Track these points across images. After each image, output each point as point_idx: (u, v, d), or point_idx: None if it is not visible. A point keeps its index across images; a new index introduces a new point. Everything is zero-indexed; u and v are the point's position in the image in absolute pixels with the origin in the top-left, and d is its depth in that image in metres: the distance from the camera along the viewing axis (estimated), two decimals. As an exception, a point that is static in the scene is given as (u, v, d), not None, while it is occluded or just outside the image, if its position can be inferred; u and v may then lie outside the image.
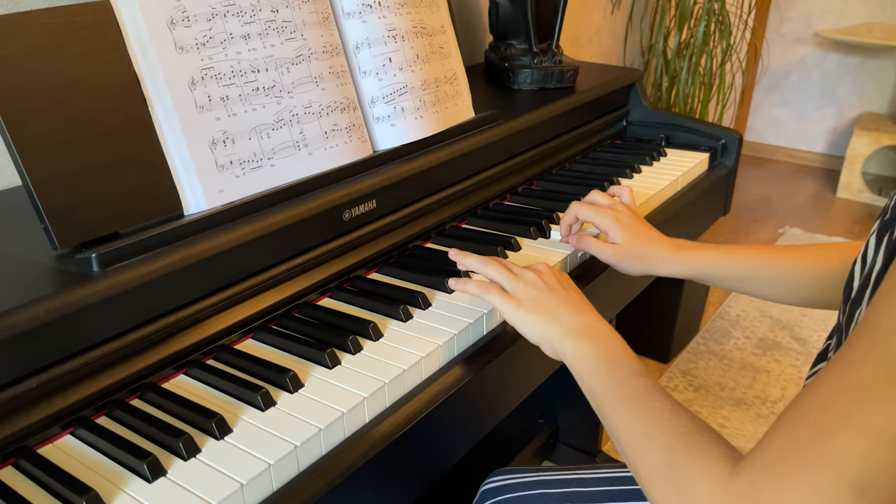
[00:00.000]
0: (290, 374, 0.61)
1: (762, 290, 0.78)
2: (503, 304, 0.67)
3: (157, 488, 0.50)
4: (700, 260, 0.79)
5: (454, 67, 0.93)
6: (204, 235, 0.64)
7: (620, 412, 0.55)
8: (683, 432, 0.50)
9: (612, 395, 0.57)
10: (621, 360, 0.59)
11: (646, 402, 0.54)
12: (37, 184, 0.57)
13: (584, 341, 0.61)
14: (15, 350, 0.52)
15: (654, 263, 0.80)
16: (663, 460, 0.49)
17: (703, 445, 0.48)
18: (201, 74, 0.67)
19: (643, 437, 0.52)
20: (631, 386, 0.56)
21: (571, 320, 0.64)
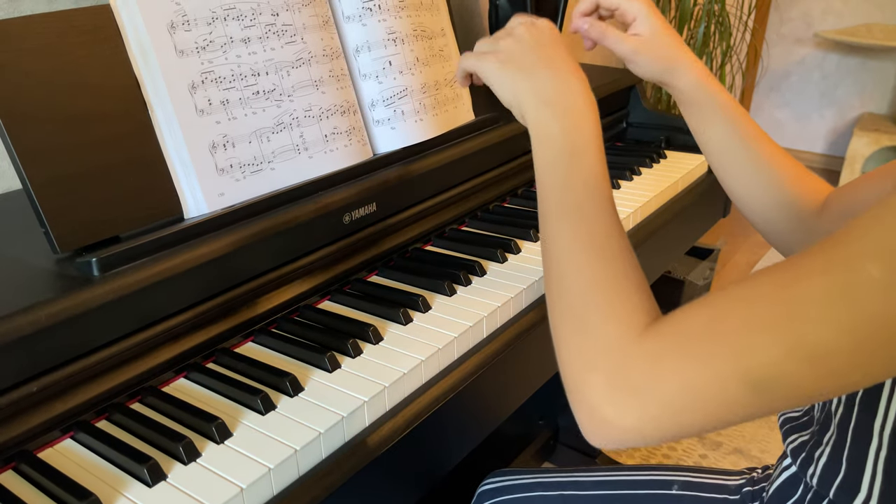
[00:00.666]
0: (290, 378, 0.61)
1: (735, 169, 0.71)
2: (479, 60, 0.60)
3: (158, 492, 0.50)
4: (717, 94, 0.71)
5: (454, 70, 0.93)
6: (204, 239, 0.64)
7: (559, 219, 0.51)
8: (613, 269, 0.47)
9: (559, 195, 0.52)
10: (581, 156, 0.53)
11: (589, 219, 0.50)
12: (37, 187, 0.57)
13: (551, 117, 0.55)
14: (16, 354, 0.52)
15: (676, 68, 0.71)
16: (580, 294, 0.46)
17: (627, 293, 0.45)
18: (201, 78, 0.67)
19: (568, 260, 0.48)
20: (583, 192, 0.51)
21: (546, 84, 0.56)
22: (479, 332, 0.72)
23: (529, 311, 0.77)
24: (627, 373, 0.42)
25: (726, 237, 2.63)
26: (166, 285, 0.61)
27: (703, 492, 0.73)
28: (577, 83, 0.57)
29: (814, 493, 0.57)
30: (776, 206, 0.70)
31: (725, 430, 1.66)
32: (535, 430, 1.52)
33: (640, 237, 0.98)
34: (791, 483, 0.61)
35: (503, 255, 0.85)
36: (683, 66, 0.71)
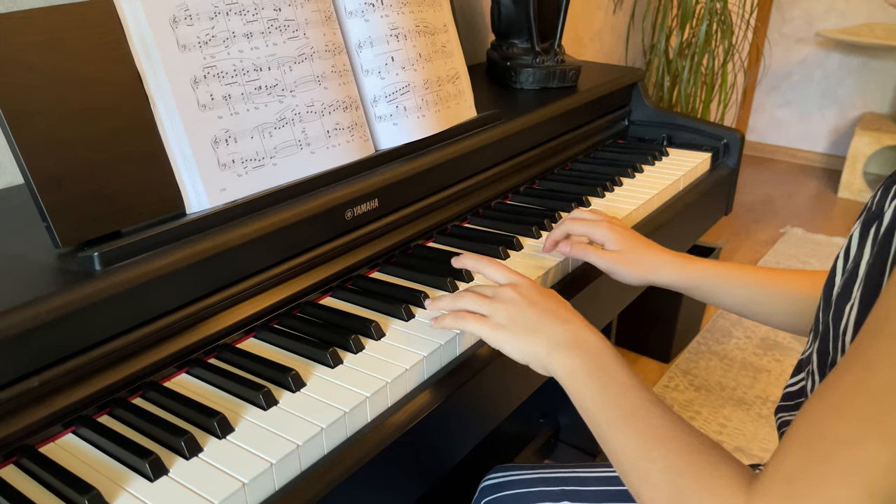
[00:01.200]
0: (292, 374, 0.61)
1: (766, 309, 0.75)
2: (481, 328, 0.63)
3: (159, 487, 0.50)
4: (703, 272, 0.76)
5: (456, 66, 0.92)
6: (206, 234, 0.64)
7: (617, 432, 0.52)
8: (689, 452, 0.47)
9: (606, 412, 0.53)
10: (613, 373, 0.56)
11: (644, 419, 0.51)
12: (39, 182, 0.57)
13: (571, 354, 0.58)
14: (17, 349, 0.51)
15: (654, 270, 0.78)
16: (669, 484, 0.46)
17: (711, 466, 0.45)
18: (204, 73, 0.67)
19: (645, 459, 0.48)
20: (627, 401, 0.53)
21: (557, 332, 0.60)
22: (481, 328, 0.72)
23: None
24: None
25: (728, 236, 2.63)
26: (168, 280, 0.61)
27: None
28: (581, 326, 0.60)
29: None
30: (808, 314, 0.72)
31: (726, 429, 1.66)
32: (536, 429, 1.52)
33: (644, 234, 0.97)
34: None
35: (505, 252, 0.84)
36: (660, 266, 0.77)
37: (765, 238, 2.64)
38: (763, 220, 2.79)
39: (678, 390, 1.80)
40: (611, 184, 1.06)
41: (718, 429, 1.66)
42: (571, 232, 0.82)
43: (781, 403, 0.63)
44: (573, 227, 0.81)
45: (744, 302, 0.75)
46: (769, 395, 1.78)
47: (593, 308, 0.89)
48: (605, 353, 0.58)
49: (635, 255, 0.78)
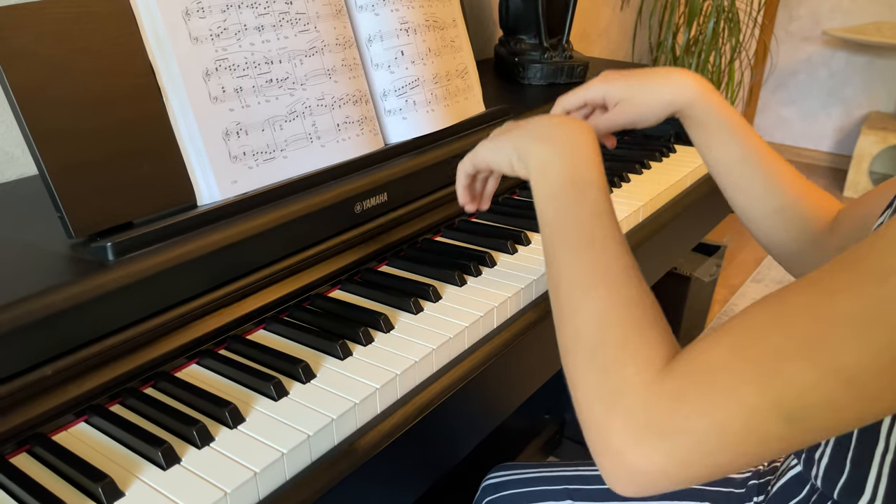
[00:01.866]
0: (302, 365, 0.61)
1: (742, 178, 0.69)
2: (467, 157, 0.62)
3: (172, 475, 0.51)
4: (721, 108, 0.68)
5: (465, 61, 0.93)
6: (217, 226, 0.65)
7: (568, 255, 0.49)
8: (627, 304, 0.45)
9: (565, 230, 0.50)
10: (587, 186, 0.51)
11: (601, 252, 0.48)
12: (52, 172, 0.58)
13: (553, 149, 0.53)
14: (31, 337, 0.52)
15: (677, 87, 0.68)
16: (595, 330, 0.44)
17: (643, 326, 0.43)
18: (216, 66, 0.67)
19: (583, 294, 0.46)
20: (590, 225, 0.49)
21: (543, 127, 0.56)
22: (489, 322, 0.72)
23: (539, 302, 0.78)
24: (651, 414, 0.39)
25: (733, 234, 2.63)
26: (179, 271, 0.61)
27: (710, 485, 0.73)
28: (576, 125, 0.56)
29: (819, 494, 0.57)
30: (785, 224, 0.69)
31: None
32: (541, 424, 1.52)
33: (649, 232, 0.98)
34: (797, 482, 0.61)
35: (513, 247, 0.85)
36: (681, 93, 0.69)
37: (769, 237, 2.64)
38: (768, 219, 2.79)
39: (682, 388, 1.80)
40: (618, 179, 1.06)
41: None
42: (567, 107, 0.74)
43: None
44: (567, 102, 0.74)
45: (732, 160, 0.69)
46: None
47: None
48: (587, 162, 0.53)
49: (646, 88, 0.69)
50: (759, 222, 0.71)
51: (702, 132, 0.70)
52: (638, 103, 0.69)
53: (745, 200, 0.71)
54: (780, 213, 0.69)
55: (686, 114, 0.70)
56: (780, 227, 0.69)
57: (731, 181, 0.71)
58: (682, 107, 0.69)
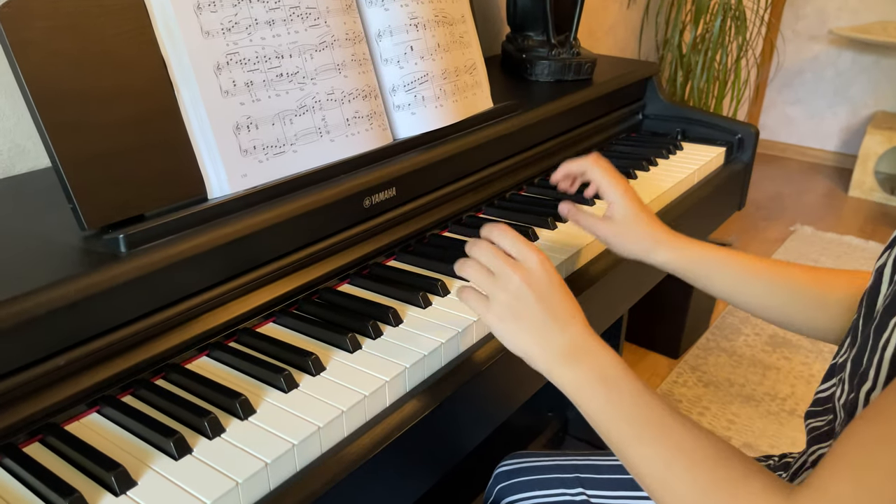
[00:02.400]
0: (312, 357, 0.61)
1: (759, 299, 0.71)
2: (481, 311, 0.60)
3: (184, 465, 0.51)
4: (700, 254, 0.73)
5: (474, 57, 0.93)
6: (228, 219, 0.65)
7: (633, 446, 0.50)
8: (713, 465, 0.46)
9: (620, 425, 0.51)
10: (620, 383, 0.53)
11: (661, 428, 0.49)
12: (65, 163, 0.58)
13: (576, 366, 0.55)
14: (45, 327, 0.52)
15: (652, 248, 0.74)
16: (697, 497, 0.45)
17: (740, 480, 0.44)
18: (227, 59, 0.68)
19: (666, 470, 0.47)
20: (639, 411, 0.51)
21: (559, 341, 0.57)
22: (497, 316, 0.73)
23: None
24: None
25: (738, 233, 2.63)
26: (190, 264, 0.61)
27: None
28: (583, 329, 0.57)
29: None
30: (808, 317, 0.69)
31: (734, 425, 1.66)
32: (545, 422, 1.52)
33: (657, 227, 0.98)
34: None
35: (521, 242, 0.85)
36: (660, 246, 0.74)
37: (774, 236, 2.63)
38: (773, 218, 2.79)
39: (686, 386, 1.80)
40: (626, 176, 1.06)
41: (727, 424, 1.67)
42: (590, 174, 0.78)
43: (811, 409, 0.62)
44: (595, 172, 0.77)
45: (736, 290, 0.72)
46: (778, 392, 1.78)
47: (606, 302, 0.90)
48: (610, 361, 0.55)
49: (636, 230, 0.75)
50: (786, 324, 0.72)
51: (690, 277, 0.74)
52: (624, 234, 0.75)
53: (767, 313, 0.72)
54: (805, 313, 0.70)
55: (661, 264, 0.75)
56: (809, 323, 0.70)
57: (739, 302, 0.73)
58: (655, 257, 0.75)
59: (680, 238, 0.75)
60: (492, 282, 0.60)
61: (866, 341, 0.50)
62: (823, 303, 0.67)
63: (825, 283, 0.69)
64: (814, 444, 0.59)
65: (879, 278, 0.52)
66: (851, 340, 0.55)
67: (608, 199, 0.76)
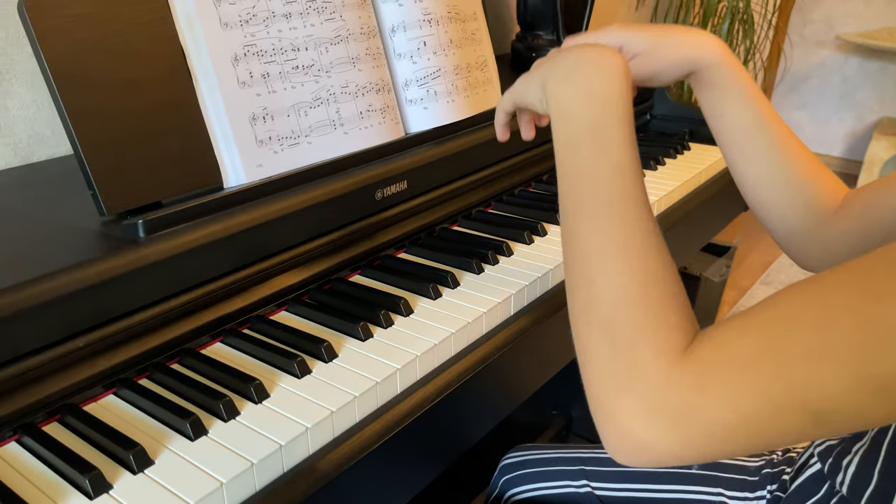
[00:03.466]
0: (325, 345, 0.62)
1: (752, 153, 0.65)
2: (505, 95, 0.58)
3: (199, 446, 0.52)
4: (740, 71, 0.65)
5: (485, 54, 0.94)
6: (243, 208, 0.66)
7: (584, 218, 0.45)
8: (646, 280, 0.42)
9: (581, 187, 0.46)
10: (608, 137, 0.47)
11: (621, 217, 0.44)
12: (86, 150, 0.59)
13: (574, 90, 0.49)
14: (66, 309, 0.53)
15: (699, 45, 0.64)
16: (611, 305, 0.42)
17: (662, 305, 0.41)
18: (244, 51, 0.69)
19: (599, 264, 0.43)
20: (610, 184, 0.45)
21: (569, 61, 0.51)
22: (506, 309, 0.74)
23: (556, 291, 0.79)
24: (668, 399, 0.38)
25: (742, 236, 2.63)
26: (206, 251, 0.62)
27: (724, 472, 0.74)
28: (608, 60, 0.50)
29: (840, 498, 0.57)
30: (791, 200, 0.66)
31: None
32: (549, 420, 1.53)
33: (664, 226, 0.98)
34: (815, 481, 0.62)
35: (530, 237, 0.86)
36: (701, 51, 0.64)
37: (779, 240, 2.64)
38: (778, 222, 2.79)
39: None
40: (633, 175, 1.07)
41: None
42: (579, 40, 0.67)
43: None
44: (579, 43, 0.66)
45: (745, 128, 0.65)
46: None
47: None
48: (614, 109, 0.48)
49: (666, 42, 0.64)
50: (765, 196, 0.67)
51: (717, 96, 0.66)
52: (659, 57, 0.64)
53: (754, 171, 0.67)
54: (788, 189, 0.66)
55: (703, 76, 0.65)
56: (787, 203, 0.66)
57: (740, 150, 0.67)
58: (702, 67, 0.64)
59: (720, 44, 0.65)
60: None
61: None
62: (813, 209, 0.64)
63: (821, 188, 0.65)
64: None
65: None
66: None
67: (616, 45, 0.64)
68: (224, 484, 0.48)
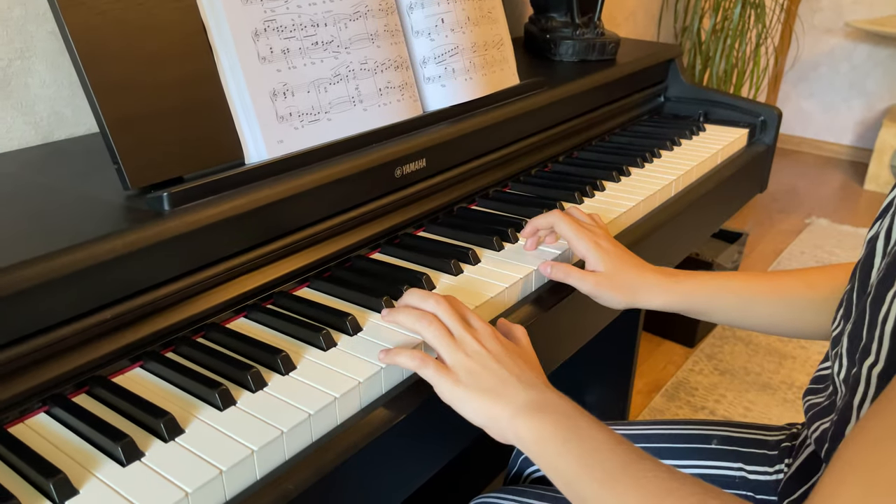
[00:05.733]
0: (349, 318, 0.62)
1: (763, 319, 0.72)
2: (439, 379, 0.56)
3: (229, 416, 0.52)
4: (693, 288, 0.72)
5: (501, 33, 0.93)
6: (265, 183, 0.66)
7: (607, 492, 0.47)
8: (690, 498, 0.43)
9: (591, 474, 0.48)
10: (590, 433, 0.50)
11: (638, 473, 0.47)
12: (111, 123, 0.59)
13: (540, 419, 0.52)
14: (95, 280, 0.53)
15: (640, 293, 0.71)
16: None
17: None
18: (264, 26, 0.68)
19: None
20: (613, 459, 0.48)
21: (521, 397, 0.54)
22: (528, 284, 0.73)
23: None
24: None
25: (752, 225, 2.62)
26: (229, 225, 0.62)
27: (743, 447, 0.73)
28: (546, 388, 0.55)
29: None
30: (803, 325, 0.70)
31: (751, 412, 1.66)
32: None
33: (683, 204, 0.98)
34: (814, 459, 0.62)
35: (549, 215, 0.85)
36: (647, 288, 0.71)
37: (789, 228, 2.63)
38: (788, 210, 2.78)
39: (703, 374, 1.80)
40: (650, 155, 1.07)
41: (743, 412, 1.67)
42: (557, 230, 0.74)
43: (810, 386, 0.62)
44: (561, 227, 0.73)
45: (738, 315, 0.72)
46: (794, 380, 1.78)
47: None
48: (576, 413, 0.52)
49: (620, 278, 0.71)
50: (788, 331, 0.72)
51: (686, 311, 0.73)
52: (609, 285, 0.71)
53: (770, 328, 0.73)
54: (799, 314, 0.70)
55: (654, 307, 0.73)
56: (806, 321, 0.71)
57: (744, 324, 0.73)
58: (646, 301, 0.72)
59: (670, 276, 0.72)
60: (453, 346, 0.57)
61: (863, 315, 0.49)
62: (813, 305, 0.69)
63: (814, 285, 0.69)
64: (815, 420, 0.58)
65: (872, 250, 0.52)
66: (845, 312, 0.54)
67: (580, 255, 0.73)
68: (255, 452, 0.48)
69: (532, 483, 0.85)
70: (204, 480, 0.46)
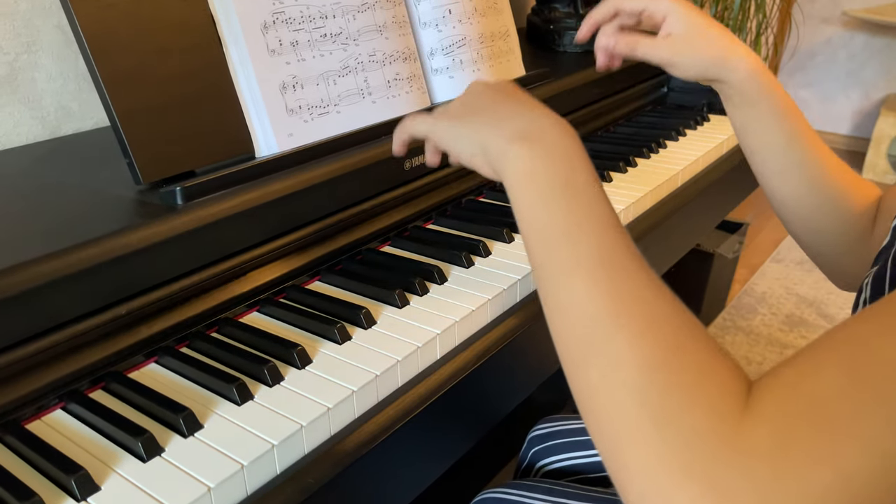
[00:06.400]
0: (363, 311, 0.62)
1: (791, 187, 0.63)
2: (424, 121, 0.51)
3: (246, 410, 0.52)
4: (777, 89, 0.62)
5: (507, 24, 0.93)
6: (276, 176, 0.65)
7: (576, 274, 0.38)
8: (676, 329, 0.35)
9: (569, 244, 0.39)
10: (584, 192, 0.40)
11: (619, 267, 0.37)
12: (122, 117, 0.59)
13: (534, 151, 0.42)
14: (110, 276, 0.53)
15: (729, 59, 0.61)
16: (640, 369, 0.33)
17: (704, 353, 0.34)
18: (273, 18, 0.68)
19: (608, 320, 0.36)
20: (600, 239, 0.39)
21: (517, 122, 0.44)
22: (539, 276, 0.73)
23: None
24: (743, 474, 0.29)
25: (754, 214, 2.63)
26: (242, 219, 0.62)
27: None
28: (560, 126, 0.44)
29: None
30: (829, 220, 0.64)
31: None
32: (568, 396, 1.53)
33: (690, 195, 0.98)
34: None
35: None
36: (733, 57, 0.61)
37: (789, 217, 2.63)
38: (786, 200, 2.78)
39: (705, 363, 1.81)
40: (655, 145, 1.07)
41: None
42: (621, 8, 0.64)
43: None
44: (624, 3, 0.63)
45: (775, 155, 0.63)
46: (796, 369, 1.78)
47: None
48: (578, 157, 0.42)
49: (703, 38, 0.61)
50: (799, 210, 0.65)
51: (746, 112, 0.64)
52: (692, 45, 0.61)
53: (787, 190, 0.64)
54: (826, 207, 0.63)
55: (734, 88, 0.63)
56: (825, 221, 0.64)
57: (772, 169, 0.64)
58: (731, 76, 0.62)
59: (755, 58, 0.62)
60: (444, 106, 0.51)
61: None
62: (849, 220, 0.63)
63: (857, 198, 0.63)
64: None
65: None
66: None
67: (661, 14, 0.62)
68: (275, 446, 0.48)
69: (543, 476, 0.85)
70: (226, 475, 0.46)
